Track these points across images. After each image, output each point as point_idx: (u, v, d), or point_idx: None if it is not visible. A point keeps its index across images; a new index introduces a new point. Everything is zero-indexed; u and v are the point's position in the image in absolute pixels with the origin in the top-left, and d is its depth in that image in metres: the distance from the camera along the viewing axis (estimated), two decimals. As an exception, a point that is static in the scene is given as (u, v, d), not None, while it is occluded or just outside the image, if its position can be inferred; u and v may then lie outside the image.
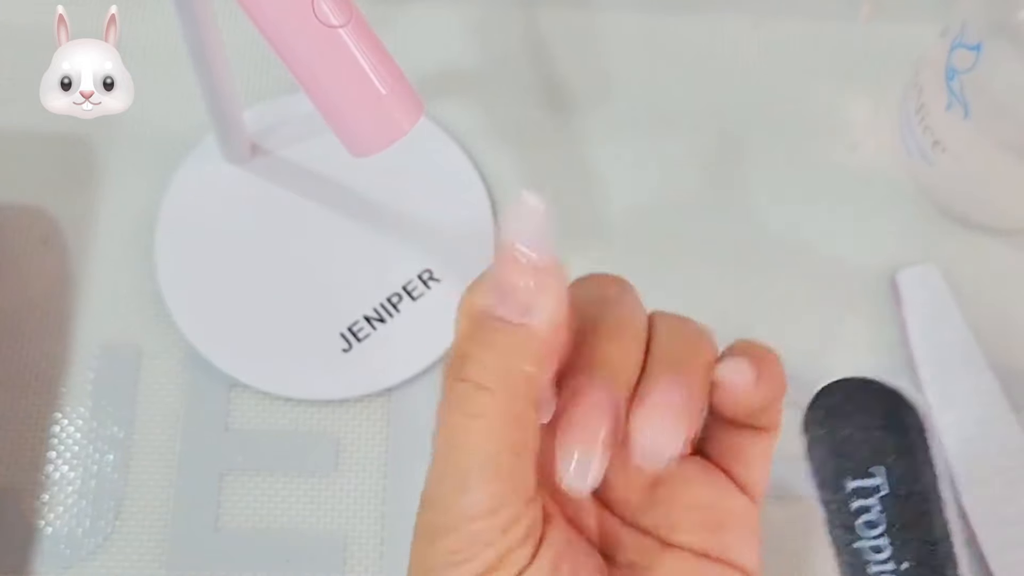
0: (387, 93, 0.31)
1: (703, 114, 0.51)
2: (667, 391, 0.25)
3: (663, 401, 0.25)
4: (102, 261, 0.47)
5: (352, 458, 0.44)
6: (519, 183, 0.49)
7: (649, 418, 0.25)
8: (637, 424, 0.25)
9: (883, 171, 0.51)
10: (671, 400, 0.25)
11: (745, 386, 0.26)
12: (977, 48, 0.43)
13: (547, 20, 0.53)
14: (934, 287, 0.47)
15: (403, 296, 0.46)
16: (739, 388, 0.26)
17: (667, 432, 0.25)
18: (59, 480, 0.43)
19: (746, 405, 0.27)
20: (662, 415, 0.25)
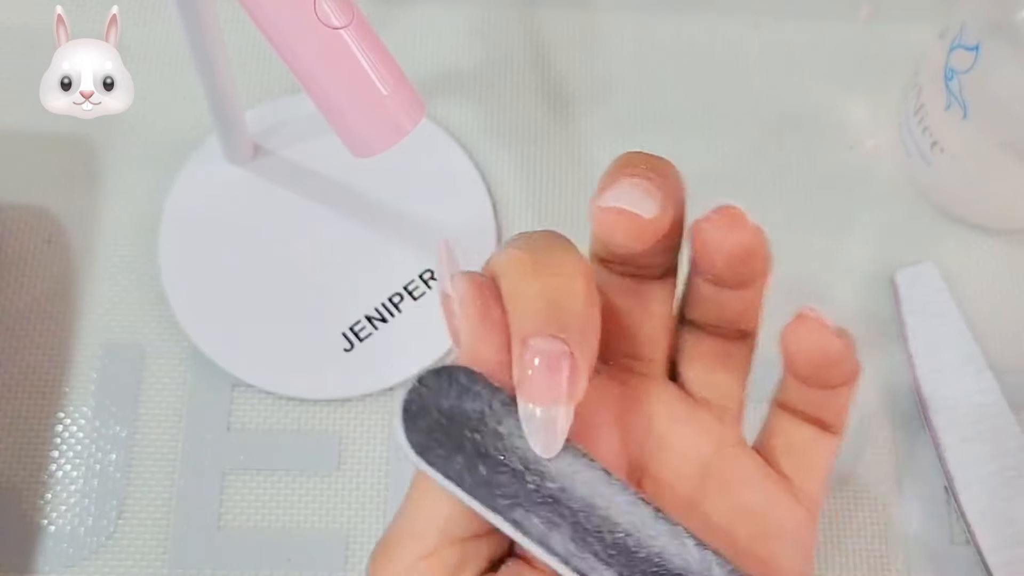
0: (388, 94, 0.31)
1: (702, 114, 0.52)
2: (629, 176, 0.25)
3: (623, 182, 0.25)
4: (105, 261, 0.47)
5: (354, 457, 0.45)
6: (520, 182, 0.50)
7: (615, 189, 0.24)
8: (605, 197, 0.24)
9: (882, 171, 0.51)
10: (633, 180, 0.25)
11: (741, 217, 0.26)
12: (976, 49, 0.43)
13: (547, 20, 0.53)
14: (933, 286, 0.47)
15: (404, 296, 0.46)
16: (735, 218, 0.26)
17: (634, 193, 0.24)
18: (62, 479, 0.43)
19: (741, 241, 0.26)
20: (626, 185, 0.24)
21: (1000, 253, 0.49)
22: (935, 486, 0.45)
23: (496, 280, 0.25)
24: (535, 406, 0.23)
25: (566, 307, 0.24)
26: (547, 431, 0.23)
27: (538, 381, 0.23)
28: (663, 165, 0.26)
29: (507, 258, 0.25)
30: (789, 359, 0.26)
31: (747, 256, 0.26)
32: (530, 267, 0.24)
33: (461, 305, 0.24)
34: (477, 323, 0.24)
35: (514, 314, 0.24)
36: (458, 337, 0.24)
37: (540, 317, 0.23)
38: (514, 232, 0.48)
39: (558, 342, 0.23)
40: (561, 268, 0.24)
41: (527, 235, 0.26)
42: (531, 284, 0.24)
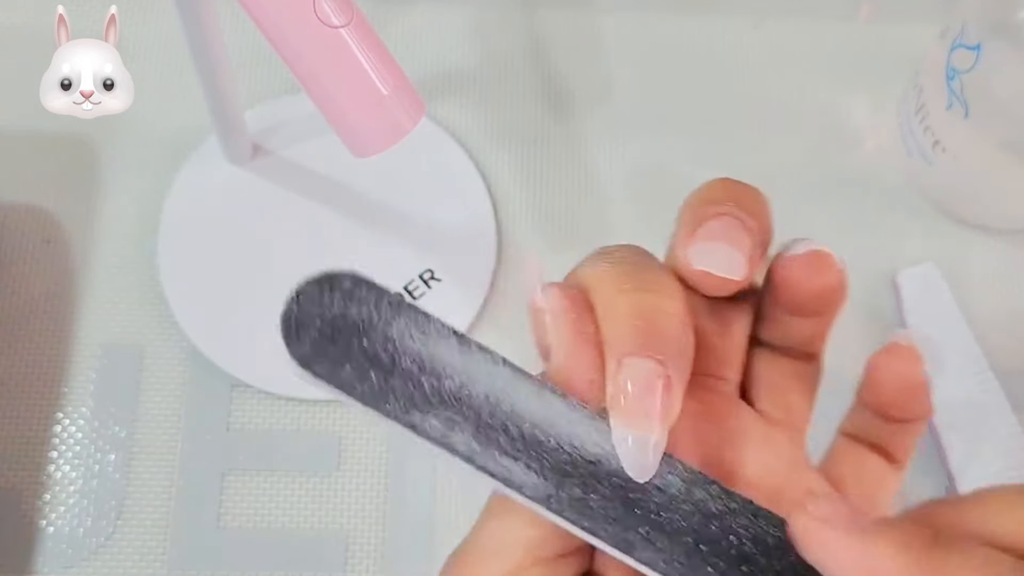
0: (388, 93, 0.31)
1: (702, 114, 0.51)
2: (716, 220, 0.24)
3: (712, 230, 0.24)
4: (104, 261, 0.47)
5: (354, 457, 0.44)
6: (520, 183, 0.49)
7: (702, 248, 0.24)
8: (691, 257, 0.24)
9: (883, 171, 0.51)
10: (721, 226, 0.24)
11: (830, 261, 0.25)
12: (977, 48, 0.43)
13: (547, 20, 0.53)
14: (934, 287, 0.47)
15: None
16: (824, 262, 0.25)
17: (721, 254, 0.24)
18: (61, 480, 0.43)
19: (828, 284, 0.25)
20: (713, 239, 0.24)
21: (1001, 253, 0.49)
22: (937, 487, 0.45)
23: (587, 294, 0.24)
24: (629, 429, 0.22)
25: (663, 327, 0.23)
26: (641, 454, 0.22)
27: (633, 403, 0.22)
28: (751, 198, 0.26)
29: (600, 271, 0.24)
30: (871, 386, 0.26)
31: (830, 295, 0.26)
32: (626, 283, 0.24)
33: (553, 318, 0.23)
34: (570, 338, 0.23)
35: (609, 332, 0.23)
36: (548, 351, 0.23)
37: (638, 336, 0.22)
38: (514, 231, 0.48)
39: (655, 363, 0.22)
40: (657, 286, 0.24)
41: (615, 249, 0.25)
42: (627, 301, 0.23)
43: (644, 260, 0.25)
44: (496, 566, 0.24)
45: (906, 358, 0.26)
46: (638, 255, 0.25)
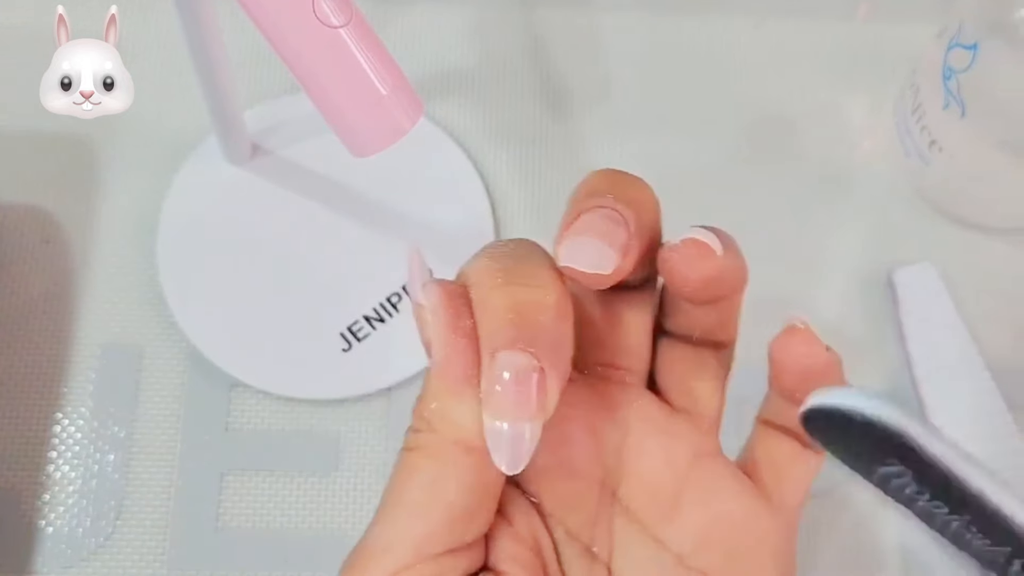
0: (387, 93, 0.31)
1: (702, 114, 0.52)
2: (590, 213, 0.24)
3: (584, 224, 0.24)
4: (103, 261, 0.47)
5: (352, 458, 0.45)
6: (518, 183, 0.50)
7: (570, 244, 0.24)
8: (560, 253, 0.24)
9: (880, 170, 0.51)
10: (593, 220, 0.24)
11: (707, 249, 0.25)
12: (974, 48, 0.43)
13: (547, 20, 0.53)
14: (931, 286, 0.47)
15: (403, 296, 0.46)
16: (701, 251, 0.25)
17: (589, 249, 0.24)
18: (60, 480, 0.43)
19: (707, 273, 0.25)
20: (583, 234, 0.24)
21: (998, 252, 0.49)
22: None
23: (466, 290, 0.24)
24: (502, 422, 0.22)
25: (537, 320, 0.23)
26: (513, 447, 0.23)
27: (506, 396, 0.22)
28: (632, 188, 0.26)
29: (478, 267, 0.25)
30: (776, 371, 0.26)
31: (714, 283, 0.25)
32: (500, 278, 0.24)
33: (432, 314, 0.24)
34: (448, 333, 0.23)
35: (483, 326, 0.23)
36: (430, 347, 0.24)
37: (510, 330, 0.23)
38: (512, 231, 0.48)
39: (527, 356, 0.22)
40: (533, 279, 0.24)
41: (500, 244, 0.25)
42: (501, 296, 0.23)
43: (526, 253, 0.25)
44: (385, 563, 0.24)
45: (804, 340, 0.26)
46: (522, 249, 0.25)
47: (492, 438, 0.23)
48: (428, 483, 0.24)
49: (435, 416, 0.24)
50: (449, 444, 0.24)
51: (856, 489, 0.45)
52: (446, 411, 0.23)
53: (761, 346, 0.48)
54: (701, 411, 0.28)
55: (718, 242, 0.25)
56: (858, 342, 0.47)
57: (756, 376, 0.47)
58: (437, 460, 0.24)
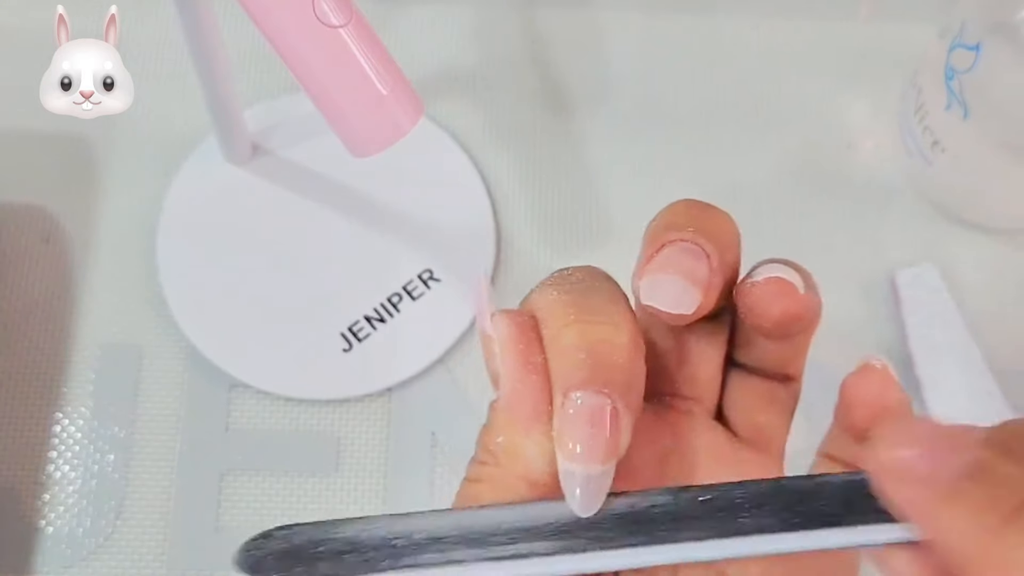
0: (387, 93, 0.31)
1: (702, 114, 0.51)
2: (672, 247, 0.24)
3: (665, 259, 0.24)
4: (103, 261, 0.47)
5: (352, 458, 0.44)
6: (519, 183, 0.49)
7: (651, 281, 0.24)
8: (641, 290, 0.24)
9: (882, 171, 0.51)
10: (675, 254, 0.24)
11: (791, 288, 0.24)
12: (976, 48, 0.43)
13: (547, 20, 0.53)
14: (932, 287, 0.47)
15: (403, 296, 0.46)
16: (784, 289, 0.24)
17: (671, 287, 0.24)
18: (60, 480, 0.43)
19: (790, 311, 0.24)
20: (665, 271, 0.24)
21: (1000, 253, 0.49)
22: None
23: (537, 322, 0.24)
24: (575, 464, 0.22)
25: (611, 360, 0.23)
26: (588, 489, 0.22)
27: (580, 438, 0.22)
28: (713, 221, 0.25)
29: (547, 301, 0.24)
30: (845, 407, 0.26)
31: (794, 320, 0.25)
32: (573, 314, 0.23)
33: (502, 347, 0.23)
34: (519, 367, 0.23)
35: (555, 364, 0.23)
36: (498, 380, 0.23)
37: (583, 370, 0.22)
38: (513, 231, 0.48)
39: (601, 396, 0.22)
40: (605, 316, 0.23)
41: (568, 275, 0.25)
42: (573, 334, 0.23)
43: (596, 285, 0.24)
44: None
45: (879, 380, 0.26)
46: (592, 279, 0.25)
47: (566, 481, 0.22)
48: None
49: (501, 450, 0.23)
50: (515, 479, 0.23)
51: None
52: (514, 446, 0.23)
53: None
54: (767, 443, 0.28)
55: (800, 279, 0.25)
56: (860, 343, 0.47)
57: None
58: (501, 494, 0.23)
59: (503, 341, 0.23)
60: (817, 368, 0.47)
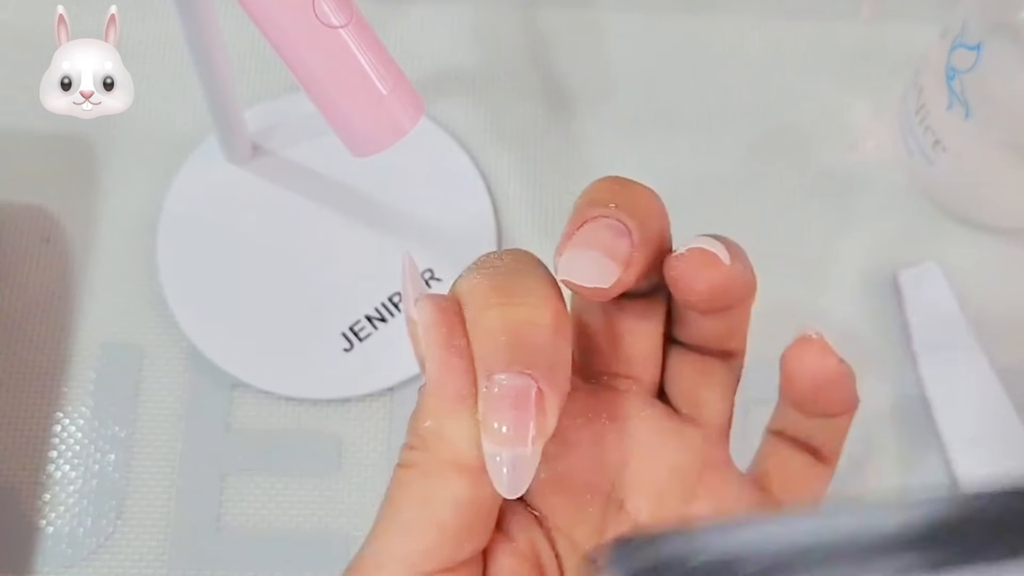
0: (388, 93, 0.31)
1: (703, 114, 0.51)
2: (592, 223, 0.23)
3: (585, 235, 0.23)
4: (104, 260, 0.47)
5: (354, 457, 0.44)
6: (520, 182, 0.49)
7: (570, 256, 0.23)
8: (559, 266, 0.24)
9: (884, 171, 0.51)
10: (595, 230, 0.23)
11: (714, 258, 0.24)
12: (977, 48, 0.43)
13: (547, 20, 0.53)
14: (935, 286, 0.47)
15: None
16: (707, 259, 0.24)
17: (589, 262, 0.23)
18: (60, 479, 0.43)
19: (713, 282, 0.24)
20: (584, 246, 0.23)
21: (1002, 252, 0.49)
22: (939, 487, 0.45)
23: (461, 306, 0.24)
24: (501, 447, 0.22)
25: (533, 341, 0.23)
26: (513, 472, 0.22)
27: (504, 421, 0.22)
28: (635, 196, 0.25)
29: (470, 285, 0.24)
30: (787, 381, 0.26)
31: (720, 293, 0.24)
32: (493, 296, 0.23)
33: (425, 331, 0.23)
34: (442, 352, 0.23)
35: (478, 347, 0.23)
36: (423, 364, 0.23)
37: (505, 353, 0.22)
38: (514, 231, 0.48)
39: (524, 378, 0.22)
40: (527, 297, 0.23)
41: (493, 257, 0.25)
42: (495, 316, 0.23)
43: (520, 268, 0.24)
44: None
45: (817, 351, 0.26)
46: (516, 263, 0.24)
47: (491, 464, 0.22)
48: (421, 501, 0.23)
49: (429, 434, 0.23)
50: (443, 463, 0.23)
51: (876, 482, 0.45)
52: (441, 430, 0.23)
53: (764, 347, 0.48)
54: (709, 420, 0.27)
55: (725, 251, 0.24)
56: (863, 343, 0.47)
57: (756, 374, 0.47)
58: (430, 478, 0.23)
59: (426, 325, 0.23)
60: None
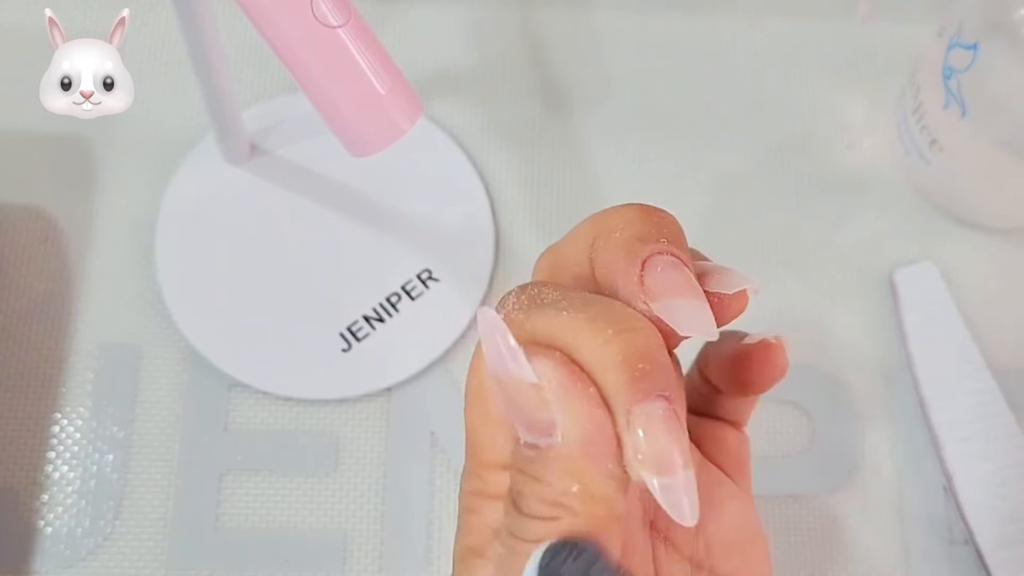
0: (386, 93, 0.31)
1: (701, 114, 0.52)
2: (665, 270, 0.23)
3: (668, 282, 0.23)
4: (102, 261, 0.47)
5: (352, 458, 0.44)
6: (518, 183, 0.49)
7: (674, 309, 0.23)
8: (672, 318, 0.23)
9: (880, 170, 0.51)
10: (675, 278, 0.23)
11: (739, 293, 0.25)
12: (974, 47, 0.43)
13: (546, 20, 0.53)
14: (931, 286, 0.47)
15: (402, 296, 0.46)
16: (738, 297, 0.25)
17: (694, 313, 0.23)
18: (59, 480, 0.43)
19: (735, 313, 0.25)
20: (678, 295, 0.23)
21: (998, 252, 0.49)
22: (934, 485, 0.45)
23: (568, 351, 0.23)
24: (663, 477, 0.21)
25: (660, 361, 0.22)
26: (689, 494, 0.21)
27: (661, 449, 0.21)
28: (672, 227, 0.25)
29: (570, 323, 0.23)
30: (758, 379, 0.26)
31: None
32: (610, 329, 0.22)
33: (562, 391, 0.22)
34: (588, 407, 0.22)
35: (610, 384, 0.22)
36: (552, 427, 0.22)
37: (642, 381, 0.22)
38: (512, 232, 0.48)
39: (663, 400, 0.21)
40: (633, 321, 0.23)
41: (547, 292, 0.24)
42: (619, 346, 0.22)
43: (589, 297, 0.24)
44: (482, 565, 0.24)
45: (782, 355, 0.27)
46: (581, 293, 0.24)
47: (667, 496, 0.21)
48: None
49: (577, 499, 0.22)
50: (599, 520, 0.22)
51: (871, 481, 0.45)
52: (593, 490, 0.22)
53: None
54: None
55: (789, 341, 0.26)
56: (859, 342, 0.47)
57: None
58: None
59: (561, 385, 0.22)
60: (817, 367, 0.48)
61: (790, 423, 0.46)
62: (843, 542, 0.44)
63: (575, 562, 0.21)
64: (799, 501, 0.44)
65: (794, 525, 0.44)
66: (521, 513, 0.22)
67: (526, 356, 0.22)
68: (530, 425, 0.22)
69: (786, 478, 0.45)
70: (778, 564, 0.43)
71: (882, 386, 0.47)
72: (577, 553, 0.21)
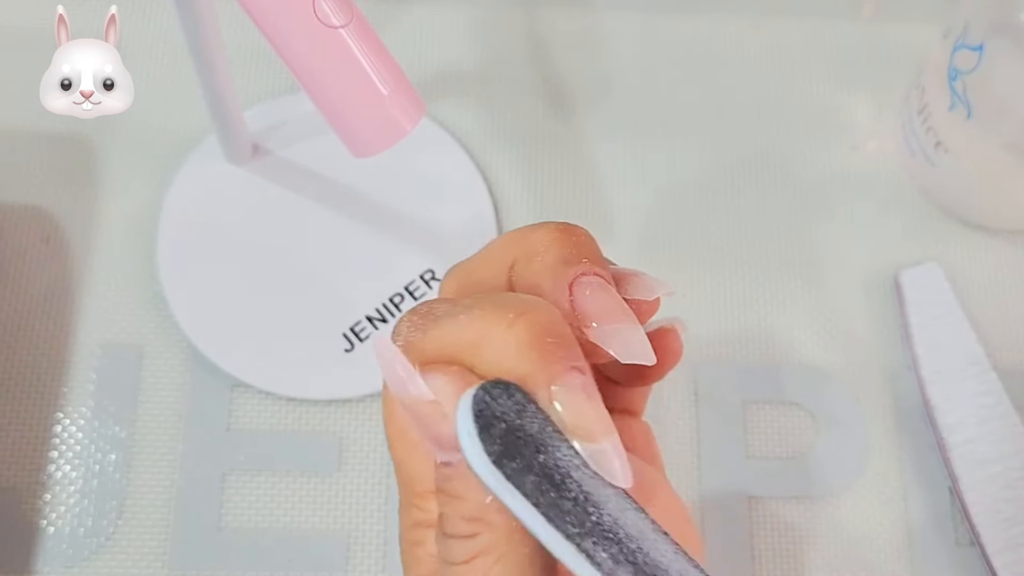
0: (388, 93, 0.31)
1: (703, 114, 0.51)
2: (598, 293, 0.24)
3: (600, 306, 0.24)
4: (104, 261, 0.47)
5: (355, 457, 0.44)
6: (520, 182, 0.49)
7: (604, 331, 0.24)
8: (601, 339, 0.24)
9: (885, 172, 0.51)
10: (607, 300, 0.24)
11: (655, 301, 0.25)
12: (979, 49, 0.42)
13: (548, 20, 0.53)
14: (937, 287, 0.47)
15: (405, 296, 0.46)
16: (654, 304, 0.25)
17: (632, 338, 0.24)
18: (61, 480, 0.43)
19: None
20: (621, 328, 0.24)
21: (1004, 253, 0.49)
22: (940, 487, 0.45)
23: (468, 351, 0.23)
24: (595, 443, 0.22)
25: (563, 334, 0.23)
26: (620, 456, 0.22)
27: (582, 418, 0.22)
28: (591, 246, 0.25)
29: (468, 322, 0.23)
30: (655, 367, 0.26)
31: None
32: (505, 315, 0.23)
33: (454, 402, 0.22)
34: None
35: (522, 368, 0.22)
36: (453, 439, 0.22)
37: (547, 355, 0.22)
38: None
39: (575, 372, 0.22)
40: (529, 304, 0.23)
41: (456, 303, 0.24)
42: (518, 328, 0.22)
43: (494, 293, 0.25)
44: None
45: (679, 338, 0.27)
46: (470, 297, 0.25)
47: (599, 462, 0.22)
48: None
49: (494, 509, 0.22)
50: (518, 532, 0.22)
51: (876, 483, 0.45)
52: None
53: (763, 347, 0.48)
54: None
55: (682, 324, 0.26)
56: (864, 343, 0.47)
57: (756, 374, 0.47)
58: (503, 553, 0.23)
59: (456, 395, 0.22)
60: (822, 368, 0.47)
61: (795, 424, 0.46)
62: (848, 544, 0.44)
63: (510, 399, 0.22)
64: (804, 502, 0.44)
65: (799, 527, 0.44)
66: (446, 535, 0.23)
67: (421, 375, 0.23)
68: (438, 442, 0.23)
69: (791, 479, 0.45)
70: (783, 566, 0.43)
71: (887, 387, 0.46)
72: (510, 393, 0.22)
